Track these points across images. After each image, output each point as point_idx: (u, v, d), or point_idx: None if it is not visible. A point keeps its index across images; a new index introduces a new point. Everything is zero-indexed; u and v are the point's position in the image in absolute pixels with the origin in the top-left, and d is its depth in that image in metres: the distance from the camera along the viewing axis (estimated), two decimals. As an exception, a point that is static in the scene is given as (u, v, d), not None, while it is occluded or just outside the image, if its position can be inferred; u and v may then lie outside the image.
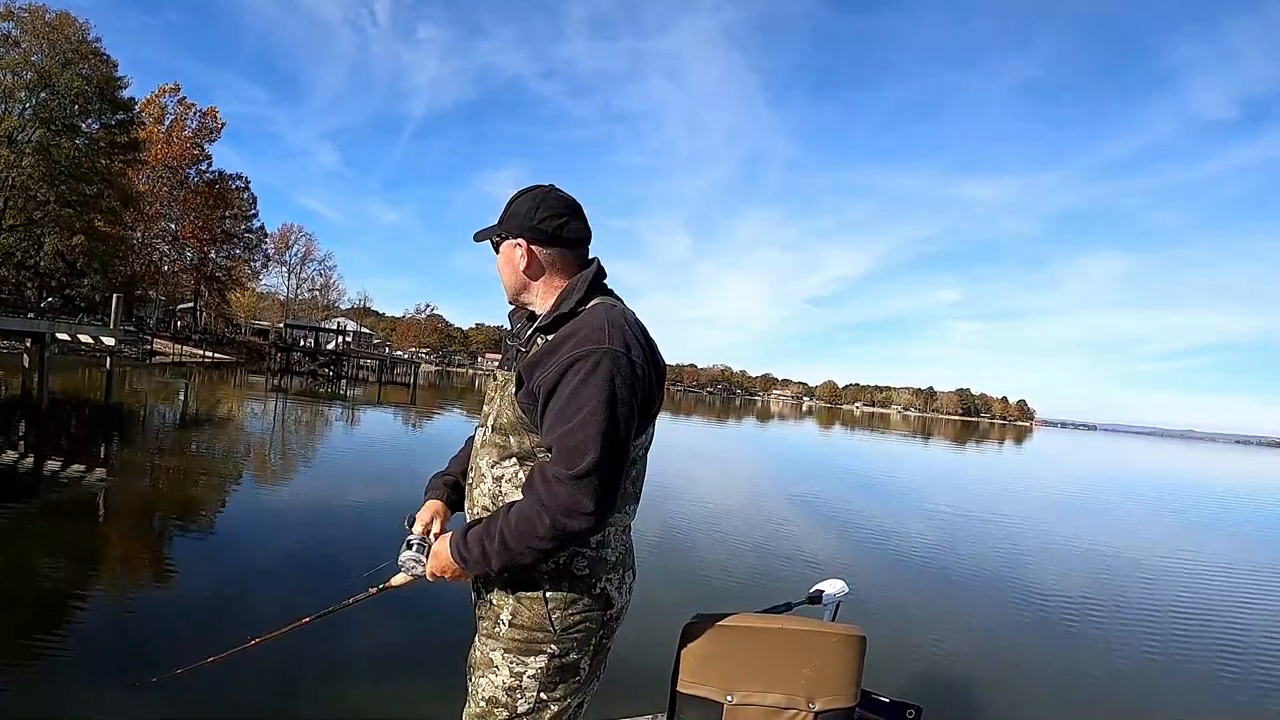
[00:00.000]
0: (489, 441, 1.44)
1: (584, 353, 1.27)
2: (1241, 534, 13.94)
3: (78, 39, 32.22)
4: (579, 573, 1.37)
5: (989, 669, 4.77)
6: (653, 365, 1.35)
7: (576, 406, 1.25)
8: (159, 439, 11.74)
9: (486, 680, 1.40)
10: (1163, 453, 66.97)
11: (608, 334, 1.29)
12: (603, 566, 1.39)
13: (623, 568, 1.45)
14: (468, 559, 1.34)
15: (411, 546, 1.48)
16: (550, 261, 1.45)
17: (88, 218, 33.32)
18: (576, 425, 1.25)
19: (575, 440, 1.24)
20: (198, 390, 23.12)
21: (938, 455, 30.28)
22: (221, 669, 1.76)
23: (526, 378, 1.34)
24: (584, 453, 1.23)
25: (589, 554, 1.38)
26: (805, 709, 1.63)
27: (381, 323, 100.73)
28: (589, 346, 1.28)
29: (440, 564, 1.41)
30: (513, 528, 1.28)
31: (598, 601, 1.39)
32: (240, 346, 52.83)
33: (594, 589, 1.38)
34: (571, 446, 1.24)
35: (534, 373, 1.33)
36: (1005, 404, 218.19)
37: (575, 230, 1.46)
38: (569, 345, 1.30)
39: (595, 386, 1.25)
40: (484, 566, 1.33)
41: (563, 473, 1.24)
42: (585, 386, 1.25)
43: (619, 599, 1.43)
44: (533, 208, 1.44)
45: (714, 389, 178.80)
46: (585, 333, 1.30)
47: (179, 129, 46.76)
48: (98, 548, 5.60)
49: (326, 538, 6.35)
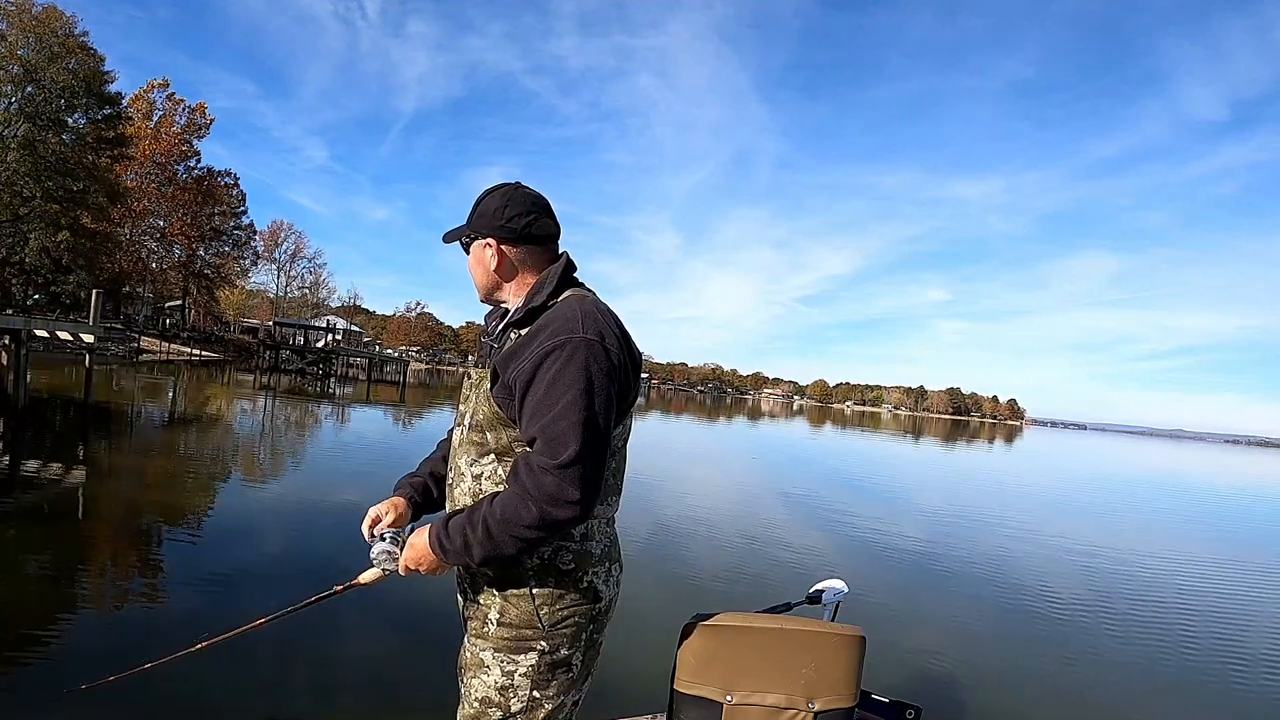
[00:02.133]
0: (467, 440, 1.43)
1: (558, 343, 1.27)
2: (1241, 534, 14.06)
3: (64, 32, 31.83)
4: (565, 567, 1.36)
5: (989, 669, 4.77)
6: (628, 354, 1.35)
7: (555, 397, 1.25)
8: (135, 438, 11.55)
9: (479, 681, 1.39)
10: (1153, 452, 67.61)
11: (581, 324, 1.29)
12: (588, 560, 1.38)
13: (609, 560, 1.43)
14: (448, 549, 1.32)
15: (384, 539, 1.44)
16: (521, 259, 1.46)
17: (74, 214, 32.93)
18: (557, 414, 1.24)
19: (557, 429, 1.24)
20: (183, 389, 22.89)
21: (933, 454, 30.44)
22: (166, 675, 1.67)
23: (501, 372, 1.34)
24: (566, 442, 1.23)
25: (574, 548, 1.37)
26: (805, 709, 1.64)
27: (372, 321, 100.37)
28: (563, 337, 1.28)
29: (417, 555, 1.38)
30: (497, 517, 1.26)
31: (585, 596, 1.38)
32: (228, 344, 52.41)
33: (581, 583, 1.37)
34: (553, 436, 1.24)
35: (509, 366, 1.33)
36: (995, 403, 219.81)
37: (544, 227, 1.46)
38: (543, 337, 1.30)
39: (572, 376, 1.25)
40: (465, 557, 1.31)
41: (547, 462, 1.23)
42: (562, 376, 1.25)
43: (607, 592, 1.42)
44: (500, 206, 1.44)
45: (704, 387, 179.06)
46: (558, 324, 1.30)
47: (167, 125, 46.29)
48: (53, 548, 5.38)
49: (301, 539, 6.24)
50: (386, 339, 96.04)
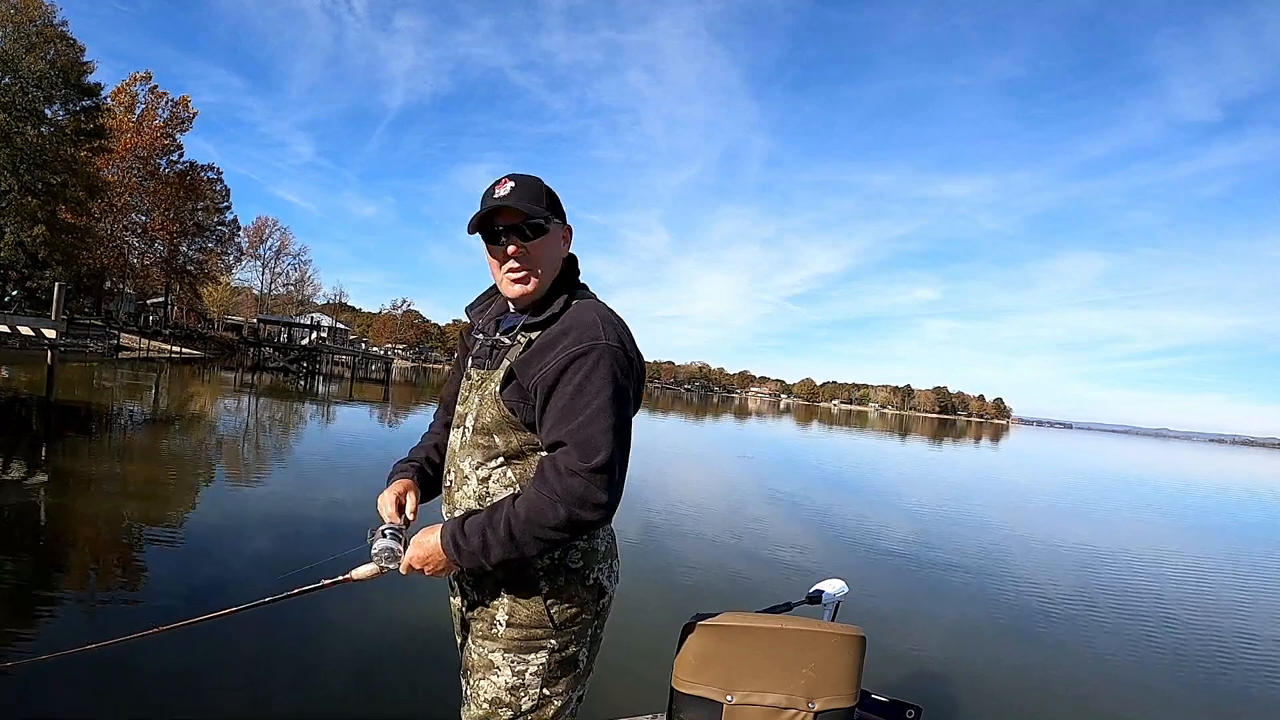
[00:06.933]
0: (470, 443, 1.40)
1: (583, 349, 1.28)
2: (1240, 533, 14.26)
3: (43, 21, 31.29)
4: (574, 566, 1.37)
5: (989, 669, 4.76)
6: (639, 360, 1.37)
7: (584, 402, 1.26)
8: (96, 439, 11.09)
9: (488, 682, 1.38)
10: (1138, 451, 68.52)
11: (602, 330, 1.30)
12: (594, 557, 1.40)
13: (611, 556, 1.45)
14: (464, 550, 1.28)
15: (386, 535, 1.36)
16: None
17: (51, 208, 32.36)
18: (587, 419, 1.25)
19: (587, 434, 1.24)
20: (159, 387, 22.51)
21: (927, 454, 30.65)
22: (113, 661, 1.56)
23: (520, 375, 1.33)
24: (598, 446, 1.24)
25: (582, 546, 1.38)
26: (805, 709, 1.64)
27: (358, 318, 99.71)
28: (588, 343, 1.28)
29: (425, 554, 1.32)
30: (521, 519, 1.25)
31: (591, 592, 1.39)
32: (211, 342, 51.79)
33: (587, 580, 1.39)
34: (583, 440, 1.24)
35: (528, 370, 1.32)
36: (982, 402, 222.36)
37: None
38: (567, 342, 1.29)
39: (599, 382, 1.27)
40: (480, 559, 1.28)
41: (578, 465, 1.23)
42: (589, 382, 1.26)
43: (610, 587, 1.44)
44: (558, 199, 1.44)
45: (691, 386, 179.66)
46: (581, 330, 1.30)
47: (150, 118, 45.63)
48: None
49: (276, 538, 6.11)
50: (372, 336, 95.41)
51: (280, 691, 3.29)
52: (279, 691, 3.29)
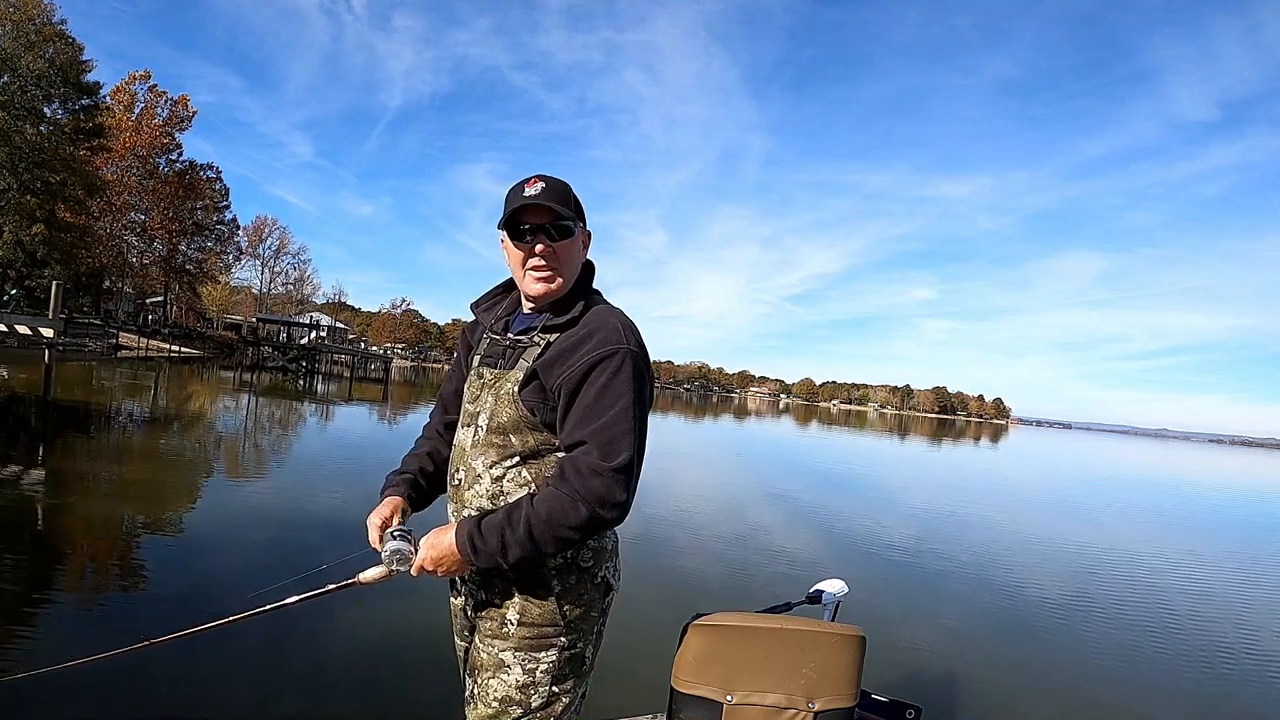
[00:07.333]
0: (484, 441, 1.40)
1: (607, 353, 1.31)
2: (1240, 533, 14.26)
3: (42, 20, 31.20)
4: (585, 564, 1.39)
5: (989, 669, 4.76)
6: (650, 364, 1.42)
7: (608, 403, 1.29)
8: (95, 439, 11.03)
9: (498, 681, 1.39)
10: (1137, 451, 68.50)
11: (623, 335, 1.33)
12: (603, 555, 1.43)
13: (615, 554, 1.49)
14: (481, 550, 1.28)
15: (395, 537, 1.36)
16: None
17: (50, 207, 32.29)
18: (610, 420, 1.28)
19: (610, 434, 1.27)
20: (158, 387, 22.52)
21: (927, 454, 30.67)
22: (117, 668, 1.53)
23: (543, 375, 1.35)
24: (621, 447, 1.27)
25: (592, 544, 1.40)
26: (805, 709, 1.64)
27: (357, 318, 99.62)
28: (611, 347, 1.31)
29: (439, 554, 1.32)
30: (541, 517, 1.26)
31: (599, 590, 1.42)
32: (210, 341, 51.72)
33: (596, 578, 1.41)
34: (607, 440, 1.27)
35: (552, 371, 1.34)
36: (982, 402, 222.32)
37: None
38: (591, 344, 1.32)
39: (622, 385, 1.30)
40: (497, 558, 1.28)
41: (601, 465, 1.26)
42: (613, 385, 1.30)
43: (615, 584, 1.48)
44: (580, 203, 1.47)
45: (691, 386, 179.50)
46: (605, 333, 1.33)
47: (149, 117, 45.51)
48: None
49: (274, 541, 6.07)
50: (372, 336, 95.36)
51: (285, 697, 3.29)
52: (284, 696, 3.29)
